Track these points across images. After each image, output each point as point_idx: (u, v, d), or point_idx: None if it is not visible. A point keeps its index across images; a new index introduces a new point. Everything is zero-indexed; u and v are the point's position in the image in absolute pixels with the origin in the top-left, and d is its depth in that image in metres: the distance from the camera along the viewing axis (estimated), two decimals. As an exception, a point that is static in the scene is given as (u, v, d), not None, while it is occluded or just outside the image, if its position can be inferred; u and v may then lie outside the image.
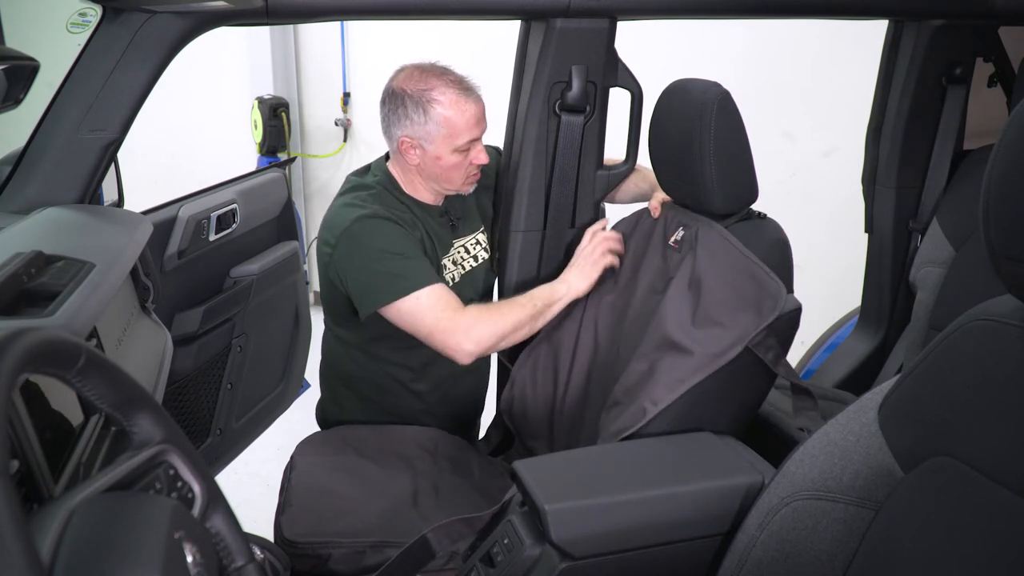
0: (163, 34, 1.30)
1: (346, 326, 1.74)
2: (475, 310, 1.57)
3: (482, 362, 1.83)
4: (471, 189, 1.71)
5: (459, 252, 1.75)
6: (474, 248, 1.78)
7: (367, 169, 1.75)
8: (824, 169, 3.16)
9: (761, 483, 1.17)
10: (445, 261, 1.71)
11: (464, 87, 1.60)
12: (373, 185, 1.67)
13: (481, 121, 1.63)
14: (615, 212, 1.90)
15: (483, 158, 1.65)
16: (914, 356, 1.54)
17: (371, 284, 1.56)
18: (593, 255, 1.62)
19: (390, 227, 1.58)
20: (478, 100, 1.61)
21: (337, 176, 4.34)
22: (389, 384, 1.76)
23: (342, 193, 1.69)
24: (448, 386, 1.80)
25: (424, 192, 1.69)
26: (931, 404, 0.85)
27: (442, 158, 1.60)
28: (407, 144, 1.61)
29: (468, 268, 1.76)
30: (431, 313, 1.53)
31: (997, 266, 0.75)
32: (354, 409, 1.80)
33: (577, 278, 1.62)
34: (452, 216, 1.73)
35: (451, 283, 1.70)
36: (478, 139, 1.63)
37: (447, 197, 1.74)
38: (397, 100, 1.60)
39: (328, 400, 1.86)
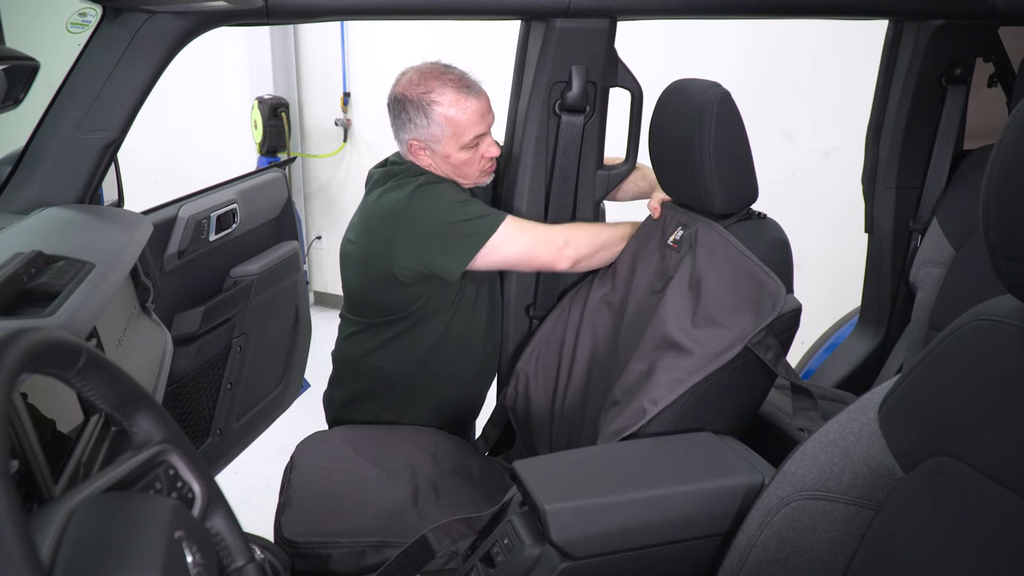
0: (163, 34, 1.30)
1: (380, 321, 1.73)
2: (566, 224, 1.64)
3: (495, 353, 1.84)
4: (488, 180, 1.72)
5: None
6: None
7: (385, 162, 1.75)
8: (824, 169, 3.16)
9: (761, 483, 1.17)
10: None
11: (463, 84, 1.60)
12: (402, 171, 1.67)
13: (486, 115, 1.62)
14: (615, 211, 1.91)
15: (494, 151, 1.66)
16: (914, 356, 1.54)
17: (455, 238, 1.58)
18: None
19: (445, 184, 1.62)
20: (480, 95, 1.61)
21: (337, 176, 4.34)
22: (419, 377, 1.76)
23: (375, 186, 1.68)
24: (475, 377, 1.81)
25: None
26: (931, 404, 0.85)
27: (451, 156, 1.61)
28: (416, 147, 1.63)
29: None
30: (523, 234, 1.60)
31: (997, 266, 0.75)
32: (373, 408, 1.79)
33: None
34: None
35: None
36: (485, 133, 1.63)
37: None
38: (400, 106, 1.61)
39: (344, 397, 1.84)
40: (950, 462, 0.82)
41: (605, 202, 1.84)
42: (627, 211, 1.83)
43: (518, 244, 1.59)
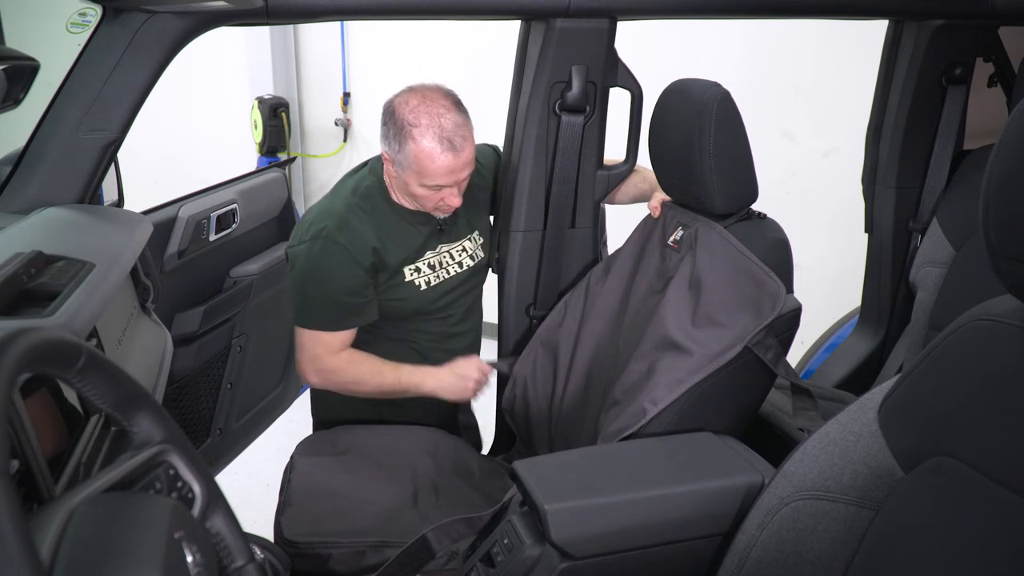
0: (163, 34, 1.30)
1: None
2: (343, 364, 1.69)
3: (476, 344, 1.86)
4: (442, 216, 1.69)
5: (444, 257, 1.74)
6: (459, 255, 1.77)
7: (363, 165, 1.75)
8: (824, 169, 3.16)
9: (761, 483, 1.17)
10: (419, 265, 1.70)
11: (446, 137, 1.53)
12: (364, 188, 1.68)
13: (457, 172, 1.57)
14: (615, 212, 1.91)
15: (454, 201, 1.62)
16: (914, 356, 1.54)
17: (296, 301, 1.68)
18: (466, 383, 1.73)
19: (335, 255, 1.60)
20: (459, 153, 1.55)
21: (337, 176, 4.32)
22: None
23: (336, 189, 1.72)
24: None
25: (404, 201, 1.68)
26: (931, 404, 0.85)
27: (410, 186, 1.60)
28: (386, 158, 1.62)
29: (452, 273, 1.75)
30: (309, 352, 1.69)
31: (997, 266, 0.75)
32: (356, 404, 1.79)
33: (446, 388, 1.73)
34: (440, 221, 1.72)
35: (425, 287, 1.70)
36: (450, 186, 1.59)
37: None
38: (387, 117, 1.59)
39: (323, 392, 1.84)
40: (950, 462, 0.82)
41: (606, 205, 1.85)
42: (627, 213, 1.83)
43: (298, 343, 1.71)
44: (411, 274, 1.69)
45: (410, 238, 1.68)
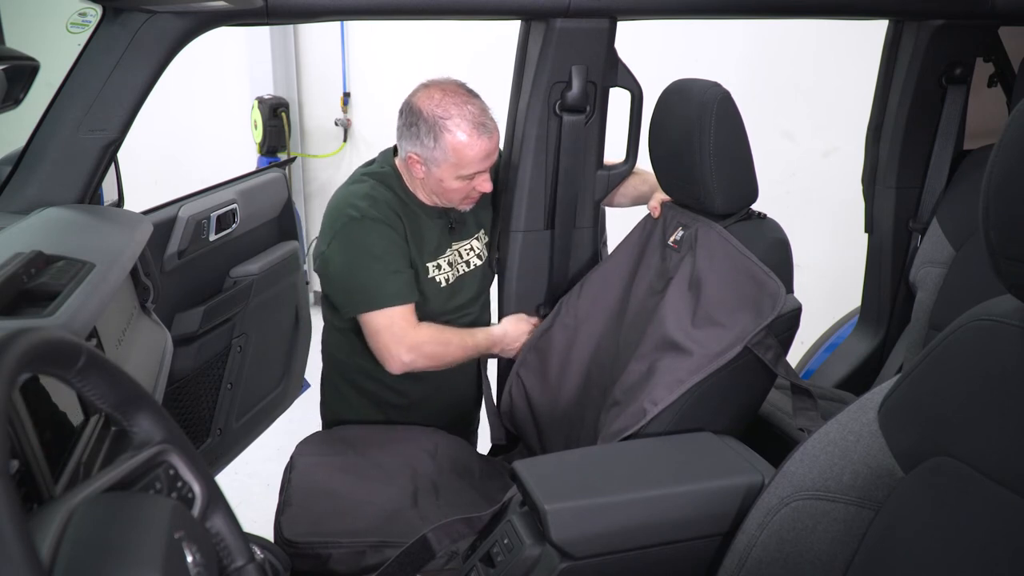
0: (163, 34, 1.30)
1: (348, 325, 1.74)
2: (428, 333, 1.67)
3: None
4: (468, 207, 1.72)
5: (455, 255, 1.75)
6: (467, 254, 1.78)
7: (372, 162, 1.76)
8: (824, 169, 3.16)
9: (761, 483, 1.17)
10: (440, 262, 1.71)
11: (479, 122, 1.58)
12: (377, 172, 1.69)
13: (492, 154, 1.62)
14: (615, 212, 1.91)
15: (487, 186, 1.66)
16: (914, 356, 1.54)
17: (349, 291, 1.66)
18: (521, 338, 1.75)
19: (376, 230, 1.61)
20: (492, 134, 1.60)
21: (337, 176, 4.34)
22: (402, 376, 1.76)
23: (345, 184, 1.72)
24: (462, 374, 1.82)
25: (424, 196, 1.69)
26: (931, 404, 0.85)
27: (444, 181, 1.61)
28: (414, 160, 1.63)
29: (462, 272, 1.76)
30: (382, 330, 1.65)
31: (997, 266, 0.75)
32: (356, 400, 1.79)
33: (511, 352, 1.76)
34: (451, 218, 1.73)
35: (444, 284, 1.71)
36: (484, 171, 1.63)
37: None
38: (413, 118, 1.60)
39: (331, 395, 1.85)
40: (950, 462, 0.82)
41: (606, 208, 1.84)
42: (627, 213, 1.83)
43: (374, 330, 1.66)
44: (433, 270, 1.70)
45: (429, 232, 1.70)
